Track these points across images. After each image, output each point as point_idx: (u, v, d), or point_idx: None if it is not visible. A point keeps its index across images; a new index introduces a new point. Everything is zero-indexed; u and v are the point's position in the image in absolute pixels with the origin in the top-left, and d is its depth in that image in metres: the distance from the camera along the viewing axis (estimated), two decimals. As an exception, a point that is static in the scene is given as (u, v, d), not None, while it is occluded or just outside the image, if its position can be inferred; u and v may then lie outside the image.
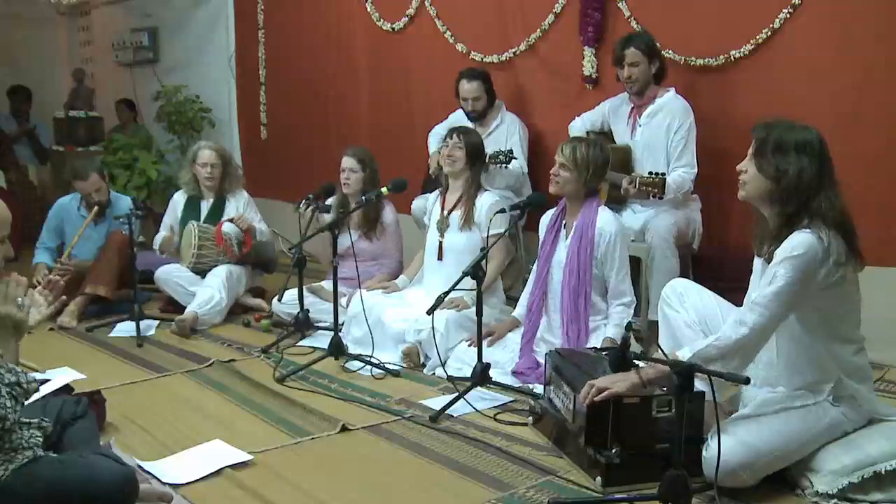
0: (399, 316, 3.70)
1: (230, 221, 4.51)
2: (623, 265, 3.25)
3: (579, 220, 3.25)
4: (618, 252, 3.23)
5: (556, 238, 3.35)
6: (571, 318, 3.22)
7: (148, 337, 4.12)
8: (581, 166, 3.20)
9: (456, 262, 3.66)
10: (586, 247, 3.21)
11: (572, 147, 3.22)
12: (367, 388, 3.35)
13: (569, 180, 3.22)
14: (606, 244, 3.22)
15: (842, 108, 3.45)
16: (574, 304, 3.22)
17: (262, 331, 4.22)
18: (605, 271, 3.25)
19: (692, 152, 3.69)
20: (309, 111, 6.17)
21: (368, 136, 5.53)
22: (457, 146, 3.73)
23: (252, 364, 3.70)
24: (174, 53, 7.39)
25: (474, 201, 3.74)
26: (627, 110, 3.89)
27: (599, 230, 3.22)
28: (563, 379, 2.69)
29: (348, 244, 3.83)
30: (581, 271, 3.21)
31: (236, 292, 4.51)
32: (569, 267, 3.24)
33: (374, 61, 5.60)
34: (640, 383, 2.34)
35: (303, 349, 3.87)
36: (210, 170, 4.57)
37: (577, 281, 3.21)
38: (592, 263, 3.22)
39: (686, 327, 2.66)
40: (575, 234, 3.25)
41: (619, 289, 3.25)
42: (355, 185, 4.17)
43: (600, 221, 3.23)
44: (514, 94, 4.70)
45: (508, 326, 3.51)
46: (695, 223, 3.79)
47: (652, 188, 3.47)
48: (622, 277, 3.25)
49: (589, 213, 3.24)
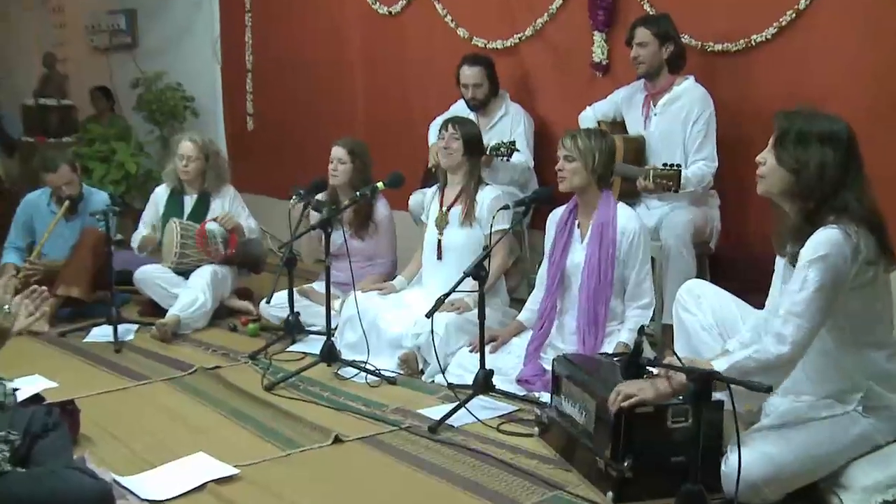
0: (396, 319, 3.70)
1: (213, 220, 4.50)
2: (645, 264, 3.25)
3: (596, 219, 3.24)
4: (641, 251, 3.23)
5: (569, 238, 3.33)
6: (589, 324, 3.21)
7: (126, 342, 4.11)
8: (585, 154, 3.20)
9: (456, 261, 3.66)
10: (608, 248, 3.20)
11: (572, 136, 3.24)
12: (362, 396, 3.35)
13: (576, 171, 3.22)
14: (630, 244, 3.22)
15: (873, 95, 3.43)
16: (593, 309, 3.21)
17: (250, 335, 4.22)
18: (625, 272, 3.25)
19: (712, 144, 3.69)
20: (299, 100, 6.17)
21: (363, 128, 5.53)
22: (452, 137, 3.73)
23: (238, 371, 3.69)
24: (154, 38, 7.37)
25: (475, 196, 3.74)
26: (641, 98, 3.89)
27: (622, 229, 3.21)
28: (578, 386, 2.68)
29: (340, 242, 3.82)
30: (602, 275, 3.20)
31: (222, 294, 4.50)
32: (588, 270, 3.23)
33: (369, 47, 5.60)
34: (669, 391, 2.33)
35: (293, 355, 3.86)
36: (186, 163, 4.55)
37: (598, 285, 3.20)
38: (614, 265, 3.21)
39: (702, 331, 2.67)
40: (593, 234, 3.24)
41: (639, 289, 3.25)
42: (343, 176, 4.17)
43: (622, 219, 3.22)
44: (520, 82, 4.70)
45: (513, 331, 3.51)
46: (713, 220, 3.79)
47: (667, 181, 3.47)
48: (643, 277, 3.25)
49: (606, 210, 3.23)
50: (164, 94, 6.73)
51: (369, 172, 4.20)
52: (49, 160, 4.65)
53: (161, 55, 7.15)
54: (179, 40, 7.08)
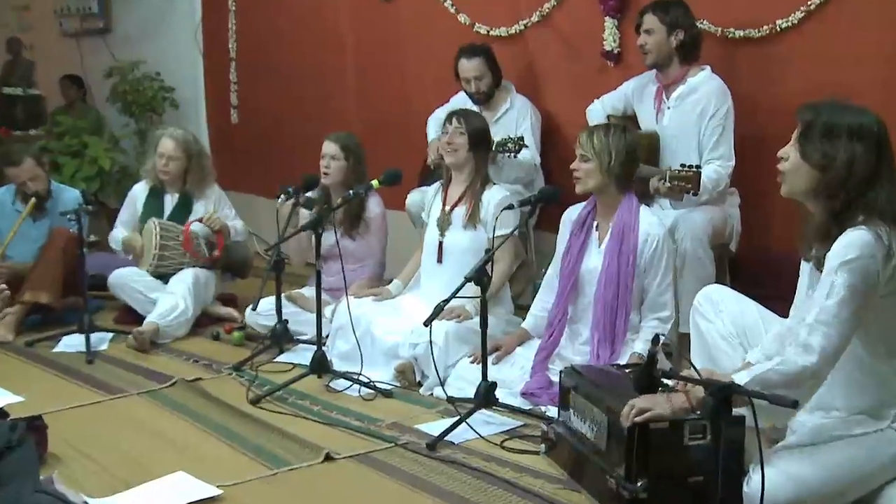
0: (392, 327, 3.70)
1: (199, 221, 4.50)
2: (667, 275, 3.25)
3: (616, 222, 3.23)
4: (664, 260, 3.23)
5: (585, 241, 3.33)
6: (605, 336, 3.21)
7: (99, 352, 4.11)
8: (601, 154, 3.19)
9: (458, 265, 3.66)
10: (628, 254, 3.19)
11: (588, 133, 3.23)
12: (355, 410, 3.35)
13: (590, 173, 3.22)
14: (652, 251, 3.21)
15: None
16: (610, 321, 3.20)
17: (234, 344, 4.22)
18: (644, 282, 3.25)
19: (729, 142, 3.68)
20: (288, 92, 6.17)
21: (357, 121, 5.53)
22: (457, 132, 3.72)
23: (222, 383, 3.69)
24: (130, 22, 7.36)
25: (480, 196, 3.74)
26: (653, 90, 3.89)
27: (644, 235, 3.20)
28: (588, 400, 2.68)
29: (332, 243, 3.84)
30: (621, 283, 3.20)
31: (204, 300, 4.51)
32: (605, 277, 3.22)
33: (362, 34, 5.59)
34: (687, 405, 2.33)
35: (281, 366, 3.87)
36: (165, 162, 4.55)
37: (616, 294, 3.20)
38: (634, 273, 3.20)
39: (722, 340, 2.66)
40: (612, 239, 3.23)
41: (659, 301, 3.25)
42: (336, 174, 4.17)
43: (644, 224, 3.21)
44: (525, 72, 4.70)
45: (517, 340, 3.51)
46: (733, 221, 3.78)
47: (685, 183, 3.47)
48: (664, 289, 3.25)
49: (628, 213, 3.23)
50: (140, 83, 6.73)
51: (364, 170, 4.21)
52: (13, 153, 4.65)
53: (137, 41, 7.15)
54: (158, 25, 7.08)
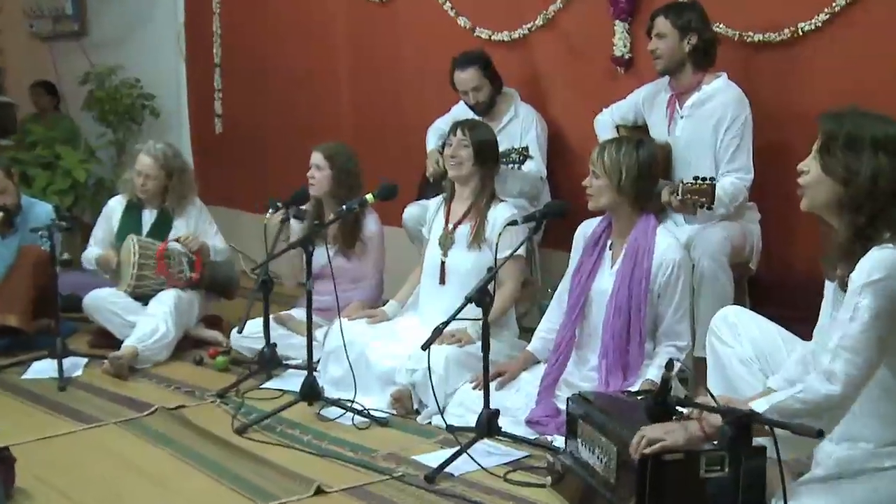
0: (387, 351, 3.71)
1: (176, 241, 4.52)
2: (683, 302, 3.26)
3: (631, 243, 3.25)
4: (679, 286, 3.24)
5: (598, 260, 3.34)
6: (614, 364, 3.21)
7: (73, 379, 4.11)
8: (611, 172, 3.21)
9: (461, 286, 3.64)
10: (641, 279, 3.20)
11: (599, 149, 3.26)
12: (348, 440, 3.35)
13: (601, 190, 3.24)
14: (667, 276, 3.23)
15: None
16: (619, 349, 3.21)
17: (219, 370, 4.23)
18: (659, 308, 3.26)
19: (748, 153, 3.69)
20: (276, 100, 6.19)
21: (350, 131, 5.55)
22: (462, 144, 3.74)
23: (205, 411, 3.70)
24: (107, 25, 7.38)
25: (486, 214, 3.76)
26: (666, 98, 3.90)
27: (659, 259, 3.22)
28: (596, 429, 2.69)
29: (324, 262, 3.85)
30: (632, 309, 3.21)
31: (186, 322, 4.52)
32: (615, 302, 3.23)
33: (357, 40, 5.62)
34: (701, 435, 2.33)
35: (269, 392, 3.87)
36: (143, 181, 4.58)
37: (626, 321, 3.21)
38: (647, 300, 3.21)
39: (740, 365, 2.67)
40: (625, 260, 3.24)
41: (676, 329, 3.26)
42: (321, 185, 4.22)
43: (661, 246, 3.23)
44: (530, 80, 4.72)
45: (522, 364, 3.52)
46: (752, 238, 3.79)
47: (699, 197, 3.48)
48: (680, 316, 3.26)
49: (643, 234, 3.24)
50: (118, 91, 6.76)
51: (356, 181, 4.23)
52: None
53: (115, 46, 7.16)
54: (137, 28, 7.10)
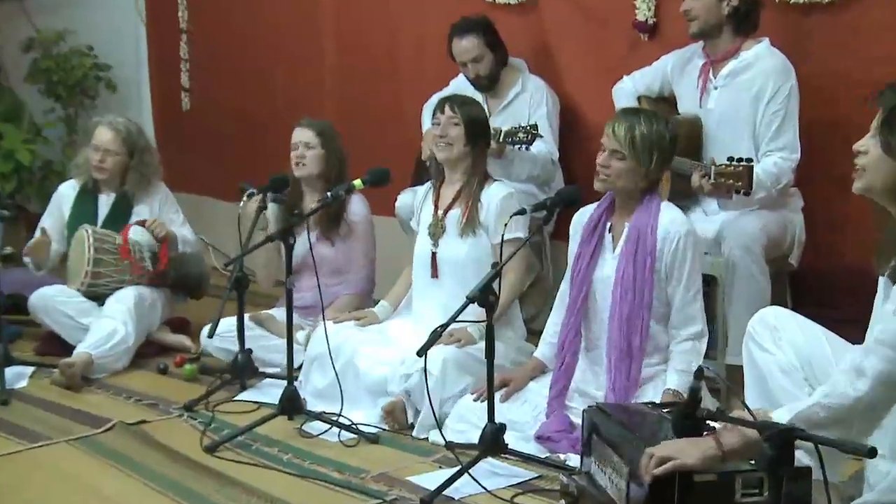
0: (378, 358, 3.70)
1: (140, 225, 4.51)
2: (693, 279, 3.26)
3: (633, 224, 3.26)
4: (687, 262, 3.24)
5: (597, 247, 3.35)
6: (621, 359, 3.23)
7: (17, 390, 4.09)
8: (642, 152, 3.19)
9: (456, 279, 3.66)
10: (644, 259, 3.22)
11: (629, 125, 3.21)
12: (334, 459, 3.35)
13: (623, 173, 3.22)
14: (672, 251, 3.23)
15: None
16: (626, 339, 3.22)
17: (186, 379, 4.23)
18: (668, 289, 3.26)
19: (793, 129, 3.69)
20: (251, 72, 6.17)
21: (336, 108, 5.54)
22: (450, 122, 3.74)
23: (171, 427, 3.70)
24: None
25: (479, 196, 3.76)
26: (698, 66, 3.90)
27: (662, 233, 3.23)
28: (609, 446, 2.68)
29: (305, 251, 3.83)
30: (637, 293, 3.22)
31: (149, 325, 4.51)
32: (620, 288, 3.25)
33: (343, 4, 5.61)
34: (717, 454, 2.33)
35: (243, 405, 3.87)
36: (102, 157, 4.56)
37: (632, 307, 3.22)
38: (653, 281, 3.23)
39: (782, 374, 2.67)
40: (628, 243, 3.26)
41: (686, 313, 3.25)
42: (313, 165, 4.22)
43: (663, 221, 3.24)
44: (540, 49, 4.71)
45: (530, 372, 3.52)
46: (794, 228, 3.79)
47: (734, 181, 3.47)
48: (692, 297, 3.25)
49: (647, 213, 3.26)
50: (68, 60, 6.71)
51: (345, 163, 4.22)
52: None
53: (64, 8, 7.06)
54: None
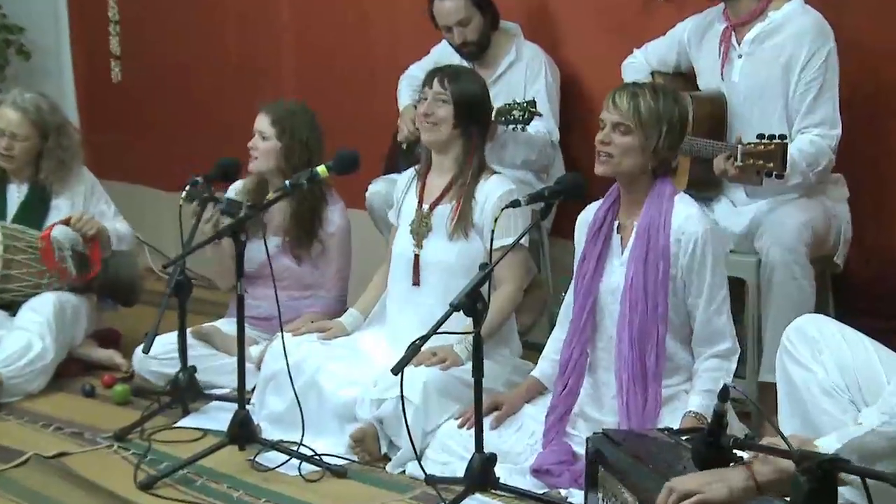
0: (346, 377, 3.71)
1: (65, 224, 4.50)
2: (716, 289, 3.25)
3: (644, 220, 3.27)
4: (707, 268, 3.24)
5: (604, 250, 3.36)
6: (634, 379, 3.23)
7: None
8: (649, 125, 3.20)
9: (441, 288, 3.67)
10: (656, 263, 3.23)
11: (631, 94, 3.23)
12: (294, 496, 3.36)
13: (629, 150, 3.22)
14: (689, 255, 3.23)
15: None
16: (639, 357, 3.23)
17: (116, 402, 4.22)
18: (688, 301, 3.27)
19: (832, 102, 3.70)
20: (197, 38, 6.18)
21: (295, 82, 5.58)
22: (439, 99, 3.75)
23: (98, 460, 3.69)
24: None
25: (473, 190, 3.76)
26: (719, 32, 3.91)
27: (676, 232, 3.23)
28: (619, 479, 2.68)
29: (262, 258, 3.83)
30: (650, 303, 3.23)
31: (71, 339, 4.51)
32: (630, 297, 3.25)
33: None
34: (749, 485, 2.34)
35: (185, 433, 3.88)
36: (7, 144, 4.55)
37: (644, 320, 3.23)
38: (668, 289, 3.23)
39: (823, 395, 2.68)
40: (638, 242, 3.26)
41: (711, 328, 3.26)
42: (265, 159, 4.24)
43: (678, 218, 3.24)
44: (537, 12, 4.74)
45: (525, 395, 3.54)
46: (839, 222, 3.80)
47: (764, 162, 3.48)
48: (715, 310, 3.25)
49: (658, 206, 3.26)
50: (-29, 23, 6.73)
51: (315, 157, 4.16)
52: None
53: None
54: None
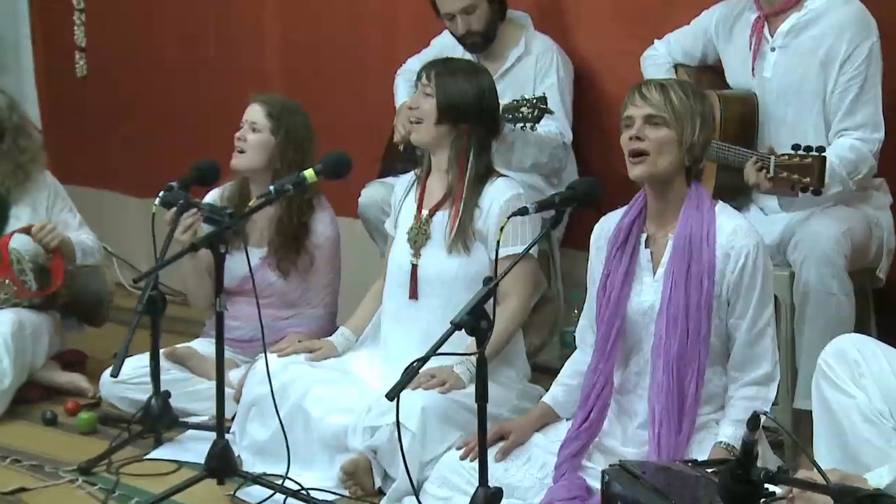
0: (336, 402, 3.72)
1: (25, 233, 4.51)
2: (762, 309, 3.23)
3: (682, 232, 3.23)
4: (757, 287, 3.20)
5: (631, 265, 3.34)
6: (669, 409, 3.19)
7: None
8: (682, 119, 3.19)
9: (440, 302, 3.69)
10: (700, 280, 3.19)
11: (660, 85, 3.23)
12: (279, 536, 3.37)
13: (665, 144, 3.18)
14: (738, 272, 3.20)
15: None
16: (678, 384, 3.19)
17: (81, 431, 4.23)
18: (729, 321, 3.25)
19: (875, 101, 3.71)
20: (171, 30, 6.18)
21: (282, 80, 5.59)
22: (423, 92, 3.78)
23: (60, 496, 3.70)
24: None
25: (477, 197, 3.78)
26: (749, 24, 3.92)
27: (725, 247, 3.21)
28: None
29: (243, 272, 3.84)
30: (692, 324, 3.19)
31: (31, 361, 4.51)
32: (667, 318, 3.21)
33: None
34: None
35: (158, 465, 3.88)
36: None
37: (684, 344, 3.19)
38: (713, 307, 3.22)
39: (865, 423, 2.69)
40: (676, 257, 3.23)
41: (753, 351, 3.24)
42: (254, 154, 4.24)
43: (725, 229, 3.22)
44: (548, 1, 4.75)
45: (535, 422, 3.53)
46: (880, 232, 3.80)
47: (800, 176, 3.48)
48: (759, 332, 3.23)
49: (698, 217, 3.23)
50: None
51: (308, 159, 4.17)
52: None
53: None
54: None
